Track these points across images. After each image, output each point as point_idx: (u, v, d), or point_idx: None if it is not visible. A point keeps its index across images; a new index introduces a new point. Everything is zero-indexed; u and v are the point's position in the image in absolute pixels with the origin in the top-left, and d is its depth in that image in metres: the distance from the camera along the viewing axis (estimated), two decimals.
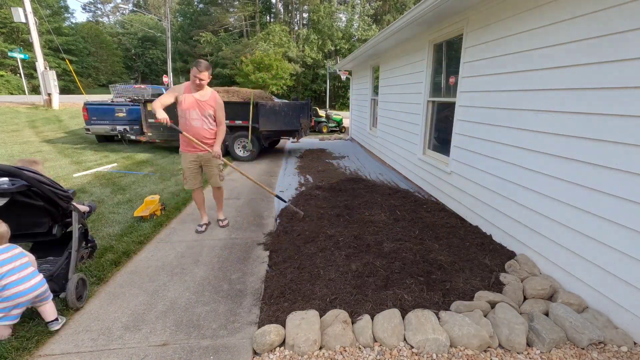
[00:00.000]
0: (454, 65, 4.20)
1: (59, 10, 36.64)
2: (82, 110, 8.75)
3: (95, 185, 5.07)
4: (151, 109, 5.77)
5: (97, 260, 2.80)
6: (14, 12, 15.15)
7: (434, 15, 3.93)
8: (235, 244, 3.28)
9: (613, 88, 2.05)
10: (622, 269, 2.02)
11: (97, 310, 2.24)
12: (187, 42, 37.65)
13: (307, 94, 31.39)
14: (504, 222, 3.12)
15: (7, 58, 26.93)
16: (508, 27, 3.02)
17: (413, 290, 2.38)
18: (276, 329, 1.96)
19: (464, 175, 3.81)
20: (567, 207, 2.39)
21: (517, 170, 2.90)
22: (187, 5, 38.93)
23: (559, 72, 2.45)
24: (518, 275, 2.58)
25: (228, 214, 4.07)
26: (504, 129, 3.08)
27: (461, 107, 3.86)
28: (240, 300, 2.39)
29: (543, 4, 2.60)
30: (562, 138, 2.44)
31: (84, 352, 1.88)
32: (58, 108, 16.53)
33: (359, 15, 34.06)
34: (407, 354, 1.86)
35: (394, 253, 2.85)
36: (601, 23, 2.12)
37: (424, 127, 4.98)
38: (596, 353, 1.88)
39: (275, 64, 25.57)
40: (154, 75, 45.03)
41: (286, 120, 7.37)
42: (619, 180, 2.02)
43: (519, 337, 1.91)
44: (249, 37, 34.91)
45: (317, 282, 2.49)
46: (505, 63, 3.06)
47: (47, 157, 7.13)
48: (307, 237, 3.22)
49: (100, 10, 52.55)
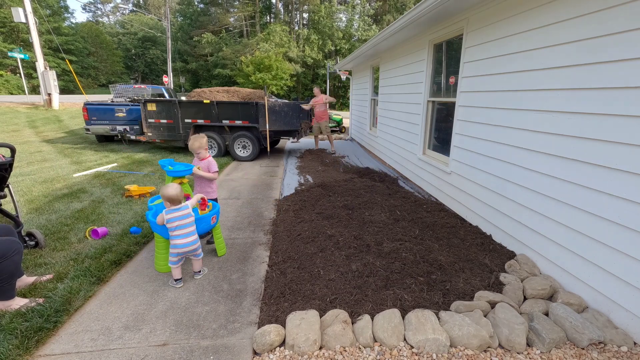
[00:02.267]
0: (454, 65, 4.20)
1: (59, 10, 36.65)
2: (82, 110, 8.76)
3: (95, 185, 5.07)
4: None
5: (97, 260, 2.81)
6: (14, 12, 15.16)
7: (434, 15, 3.93)
8: (235, 244, 3.28)
9: (613, 88, 2.05)
10: (622, 269, 2.02)
11: (97, 310, 2.24)
12: (187, 42, 37.67)
13: (307, 94, 31.41)
14: (504, 222, 3.12)
15: (7, 58, 26.96)
16: (508, 27, 3.02)
17: (413, 290, 2.38)
18: (276, 329, 1.96)
19: (464, 175, 3.81)
20: (567, 207, 2.39)
21: (517, 170, 2.90)
22: (187, 5, 38.94)
23: (560, 72, 2.45)
24: (518, 275, 2.58)
25: (228, 214, 4.07)
26: (504, 129, 3.08)
27: (461, 107, 3.86)
28: (240, 300, 2.39)
29: (543, 3, 2.60)
30: (562, 138, 2.44)
31: (84, 352, 1.88)
32: (58, 108, 16.55)
33: (359, 15, 34.07)
34: (407, 354, 1.86)
35: (394, 253, 2.85)
36: (601, 23, 2.12)
37: (424, 127, 4.98)
38: (596, 353, 1.88)
39: (275, 64, 25.59)
40: (154, 75, 45.07)
41: (286, 120, 7.37)
42: (619, 180, 2.02)
43: (519, 337, 1.91)
44: (249, 37, 34.93)
45: (317, 282, 2.49)
46: (506, 63, 3.06)
47: (47, 157, 7.13)
48: (307, 237, 3.22)
49: (100, 10, 52.63)
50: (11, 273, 2.12)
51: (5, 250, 2.09)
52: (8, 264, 2.08)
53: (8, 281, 2.12)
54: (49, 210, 3.99)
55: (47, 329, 2.01)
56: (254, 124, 7.23)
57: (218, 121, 7.24)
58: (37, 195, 4.53)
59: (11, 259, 2.10)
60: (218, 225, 2.99)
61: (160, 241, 2.69)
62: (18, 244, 2.20)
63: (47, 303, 2.20)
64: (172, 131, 7.52)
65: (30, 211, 3.94)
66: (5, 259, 2.07)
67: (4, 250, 2.08)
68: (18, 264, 2.18)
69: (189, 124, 7.37)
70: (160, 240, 2.69)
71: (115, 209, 4.09)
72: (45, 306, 2.16)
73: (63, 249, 3.02)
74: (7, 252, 2.09)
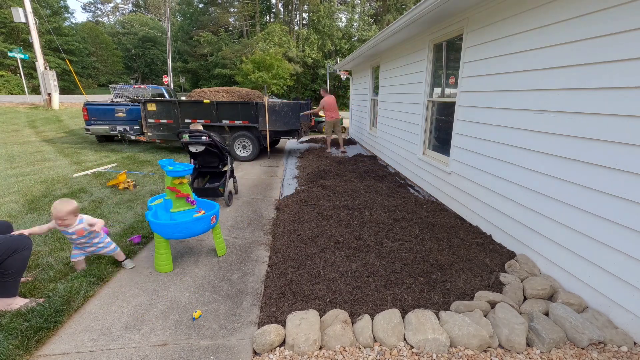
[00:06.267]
0: (454, 65, 4.20)
1: (59, 10, 36.63)
2: (82, 110, 8.76)
3: (95, 186, 5.07)
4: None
5: (97, 260, 2.81)
6: (14, 12, 15.16)
7: (434, 15, 3.92)
8: (235, 244, 3.28)
9: (613, 88, 2.05)
10: (622, 269, 2.02)
11: (97, 310, 2.24)
12: (187, 42, 37.66)
13: (307, 94, 31.40)
14: (504, 222, 3.12)
15: (7, 58, 26.92)
16: (508, 26, 3.02)
17: (413, 290, 2.38)
18: (276, 329, 1.96)
19: (464, 175, 3.81)
20: (568, 207, 2.39)
21: (518, 170, 2.90)
22: (187, 5, 38.92)
23: (560, 72, 2.45)
24: (518, 275, 2.58)
25: (228, 214, 4.08)
26: (505, 128, 3.08)
27: (461, 107, 3.86)
28: (240, 300, 2.39)
29: (543, 3, 2.60)
30: (562, 138, 2.44)
31: (84, 352, 1.88)
32: (58, 108, 16.54)
33: (359, 15, 34.06)
34: (407, 354, 1.86)
35: (394, 253, 2.86)
36: (601, 23, 2.12)
37: (424, 127, 4.98)
38: (596, 353, 1.88)
39: (275, 63, 25.57)
40: (154, 75, 45.07)
41: (286, 120, 7.37)
42: (619, 180, 2.02)
43: (519, 337, 1.91)
44: (249, 37, 34.91)
45: (317, 282, 2.49)
46: (506, 63, 3.06)
47: (47, 157, 7.13)
48: (307, 237, 3.22)
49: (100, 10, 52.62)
50: (18, 269, 2.14)
51: (18, 245, 2.12)
52: (18, 257, 2.11)
53: (14, 277, 2.13)
54: (49, 210, 3.98)
55: (47, 329, 2.01)
56: (254, 124, 7.23)
57: (218, 121, 7.24)
58: (37, 195, 4.53)
59: (21, 253, 2.13)
60: (218, 225, 2.99)
61: (160, 241, 2.69)
62: (29, 240, 2.22)
63: (47, 303, 2.20)
64: (172, 131, 7.52)
65: (30, 211, 3.94)
66: (17, 252, 2.10)
67: (17, 244, 2.12)
68: (26, 261, 2.19)
69: (189, 124, 7.37)
70: (160, 240, 2.69)
71: (116, 208, 4.09)
72: (45, 306, 2.16)
73: (63, 249, 3.02)
74: (19, 246, 2.12)
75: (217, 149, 4.41)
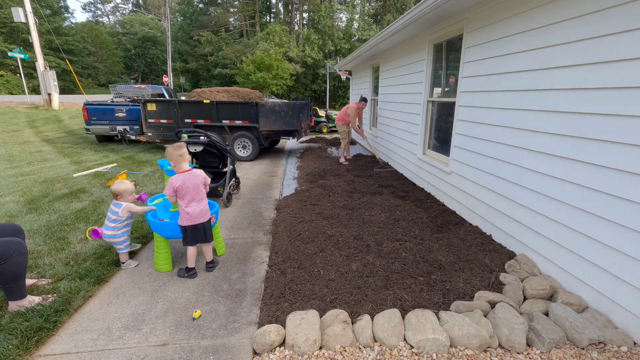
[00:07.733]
0: (454, 65, 4.20)
1: (59, 10, 36.65)
2: (82, 110, 8.75)
3: (95, 185, 5.06)
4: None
5: (97, 261, 2.81)
6: (14, 12, 15.17)
7: (434, 15, 3.92)
8: (235, 244, 3.27)
9: (613, 88, 2.05)
10: (622, 269, 2.02)
11: (97, 310, 2.24)
12: (187, 42, 37.64)
13: (307, 94, 31.38)
14: (504, 222, 3.11)
15: (7, 58, 26.93)
16: (508, 26, 3.02)
17: (413, 290, 2.38)
18: (276, 328, 1.96)
19: (464, 175, 3.81)
20: (568, 207, 2.39)
21: (518, 170, 2.90)
22: (187, 5, 38.92)
23: (560, 72, 2.45)
24: (518, 275, 2.58)
25: (228, 214, 4.07)
26: (505, 128, 3.08)
27: (461, 107, 3.86)
28: (240, 300, 2.39)
29: (543, 4, 2.60)
30: (562, 138, 2.43)
31: (84, 352, 1.88)
32: (58, 108, 16.55)
33: (359, 15, 34.05)
34: (407, 354, 1.86)
35: (394, 253, 2.86)
36: (601, 23, 2.11)
37: (424, 127, 4.98)
38: (596, 353, 1.88)
39: (275, 63, 25.57)
40: (154, 75, 45.06)
41: (286, 120, 7.37)
42: (619, 180, 2.02)
43: (518, 337, 1.91)
44: (249, 37, 34.92)
45: (317, 282, 2.49)
46: (506, 63, 3.06)
47: (47, 157, 7.13)
48: (307, 237, 3.22)
49: (100, 10, 52.64)
50: (14, 274, 2.06)
51: (5, 252, 2.02)
52: (9, 265, 2.02)
53: (14, 282, 2.08)
54: (49, 210, 3.99)
55: (47, 329, 2.01)
56: (254, 124, 7.23)
57: (218, 121, 7.24)
58: (37, 195, 4.53)
59: (12, 261, 2.03)
60: (217, 225, 2.99)
61: (159, 241, 2.70)
62: (20, 245, 2.12)
63: (47, 303, 2.20)
64: (172, 131, 7.52)
65: (30, 211, 3.94)
66: (6, 260, 2.01)
67: (3, 251, 2.01)
68: (22, 265, 2.11)
69: (189, 124, 7.37)
70: (160, 240, 2.69)
71: None
72: (45, 306, 2.16)
73: (63, 249, 3.02)
74: (6, 253, 2.02)
75: (217, 149, 4.40)
